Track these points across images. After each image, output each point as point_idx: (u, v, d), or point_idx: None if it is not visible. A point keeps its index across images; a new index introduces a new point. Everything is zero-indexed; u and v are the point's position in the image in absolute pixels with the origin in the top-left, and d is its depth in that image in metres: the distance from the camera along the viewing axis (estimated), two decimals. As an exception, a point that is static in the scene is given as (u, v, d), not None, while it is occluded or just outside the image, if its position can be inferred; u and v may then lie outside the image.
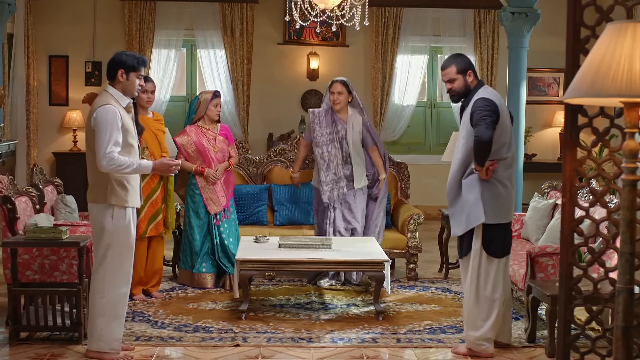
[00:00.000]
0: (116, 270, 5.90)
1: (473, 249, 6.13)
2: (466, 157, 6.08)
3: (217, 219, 8.28)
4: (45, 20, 12.84)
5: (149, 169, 5.98)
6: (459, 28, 13.27)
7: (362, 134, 8.46)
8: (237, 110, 12.88)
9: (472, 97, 6.13)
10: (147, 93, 7.87)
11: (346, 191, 8.38)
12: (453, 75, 6.21)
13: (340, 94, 8.35)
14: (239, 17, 12.83)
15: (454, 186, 6.20)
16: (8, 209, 6.84)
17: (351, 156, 8.40)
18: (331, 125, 8.40)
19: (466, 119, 6.09)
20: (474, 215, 6.05)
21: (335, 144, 8.37)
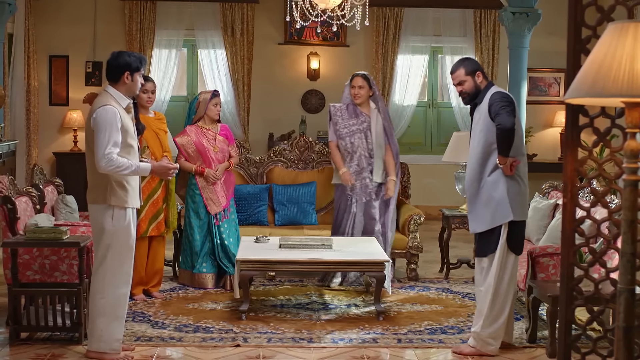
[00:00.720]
0: (116, 270, 5.89)
1: (499, 245, 6.11)
2: (485, 152, 6.10)
3: (218, 219, 8.27)
4: (45, 20, 12.83)
5: (147, 171, 5.97)
6: (460, 28, 13.25)
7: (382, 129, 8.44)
8: (237, 110, 12.86)
9: (485, 95, 6.18)
10: (148, 93, 7.87)
11: (368, 183, 8.31)
12: (462, 77, 6.27)
13: (362, 88, 8.32)
14: (240, 17, 12.82)
15: (473, 182, 6.19)
16: (8, 209, 6.83)
17: (374, 148, 8.36)
18: (354, 117, 8.38)
19: (482, 115, 6.13)
20: (501, 213, 6.07)
21: (360, 135, 8.34)
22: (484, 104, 6.15)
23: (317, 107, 13.24)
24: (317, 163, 9.41)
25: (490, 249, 6.17)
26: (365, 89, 8.34)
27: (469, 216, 6.31)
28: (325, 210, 9.31)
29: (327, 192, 9.31)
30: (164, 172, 6.19)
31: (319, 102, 13.22)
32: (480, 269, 6.30)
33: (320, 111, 13.22)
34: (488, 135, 6.08)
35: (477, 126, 6.21)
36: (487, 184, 6.13)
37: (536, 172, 12.85)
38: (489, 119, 6.07)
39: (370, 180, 8.32)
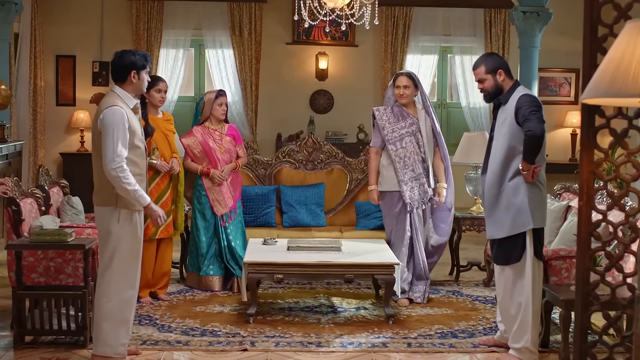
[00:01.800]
0: (122, 273, 5.79)
1: (527, 255, 5.98)
2: (508, 155, 5.97)
3: (224, 221, 8.17)
4: (52, 20, 12.76)
5: (144, 202, 5.75)
6: (470, 27, 13.13)
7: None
8: (245, 110, 12.77)
9: (510, 95, 6.06)
10: (161, 92, 7.81)
11: (427, 190, 7.79)
12: (482, 75, 6.16)
13: (407, 88, 7.75)
14: (248, 16, 12.73)
15: (493, 186, 6.06)
16: (13, 210, 6.74)
17: (426, 151, 7.80)
18: (401, 120, 7.81)
19: (507, 116, 5.99)
20: (521, 221, 5.94)
21: (411, 138, 7.76)
22: (509, 105, 6.01)
23: (326, 107, 13.14)
24: (325, 164, 9.31)
25: (514, 258, 6.03)
26: (411, 89, 7.79)
27: (487, 221, 6.18)
28: (334, 212, 9.20)
29: (335, 194, 9.21)
30: (153, 217, 5.89)
31: (327, 102, 13.13)
32: (503, 278, 6.15)
33: (329, 111, 13.13)
34: (512, 139, 5.94)
35: (501, 128, 6.06)
36: (507, 189, 5.99)
37: (547, 173, 12.71)
38: (514, 122, 5.93)
39: (429, 186, 7.82)
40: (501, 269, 6.17)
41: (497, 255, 6.16)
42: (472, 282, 8.79)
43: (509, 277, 6.10)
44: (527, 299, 6.01)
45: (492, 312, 7.44)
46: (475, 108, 13.00)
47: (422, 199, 7.79)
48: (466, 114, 13.08)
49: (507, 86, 6.16)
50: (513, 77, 6.23)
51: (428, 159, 7.81)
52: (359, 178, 9.21)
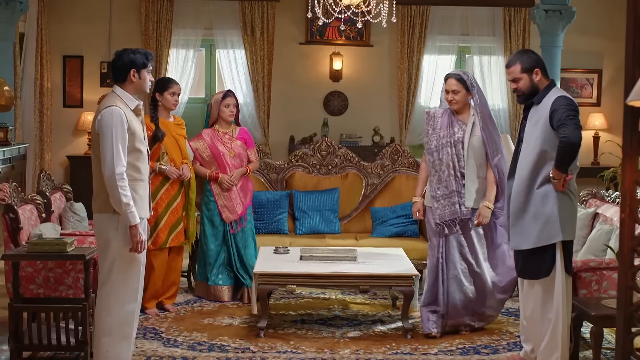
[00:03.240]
0: (123, 286, 5.45)
1: (557, 269, 5.61)
2: (539, 161, 5.57)
3: (233, 228, 7.82)
4: (59, 19, 12.43)
5: (132, 221, 5.32)
6: (488, 27, 12.74)
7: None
8: (257, 112, 12.44)
9: (544, 96, 5.66)
10: (175, 95, 7.51)
11: (458, 211, 6.67)
12: (517, 74, 5.74)
13: (456, 93, 6.65)
14: (260, 15, 12.40)
15: (520, 193, 5.66)
16: (10, 218, 6.41)
17: (467, 165, 6.67)
18: (447, 127, 6.73)
19: (541, 119, 5.60)
20: (550, 232, 5.56)
21: (451, 149, 6.68)
22: (543, 107, 5.62)
23: (340, 109, 12.79)
24: (340, 168, 8.94)
25: (542, 272, 5.64)
26: (462, 93, 6.65)
27: (512, 230, 5.78)
28: (349, 219, 8.83)
29: (350, 199, 8.85)
30: (133, 241, 5.38)
31: (341, 103, 12.78)
32: (531, 294, 5.75)
33: (343, 113, 12.78)
34: (545, 144, 5.55)
35: (533, 131, 5.66)
36: (535, 197, 5.60)
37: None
38: (548, 126, 5.54)
39: (463, 206, 6.69)
40: (528, 284, 5.78)
41: (523, 268, 5.77)
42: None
43: (537, 293, 5.71)
44: (557, 315, 5.63)
45: (515, 326, 7.06)
46: (494, 110, 12.59)
47: (453, 220, 6.69)
48: (485, 116, 12.66)
49: (542, 86, 5.75)
50: (549, 77, 5.82)
51: (471, 176, 6.69)
52: (375, 183, 8.84)
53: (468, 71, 6.78)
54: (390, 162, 8.87)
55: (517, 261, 5.86)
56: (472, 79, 6.72)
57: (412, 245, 8.14)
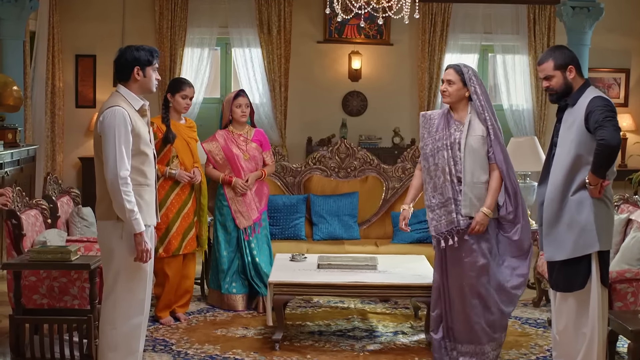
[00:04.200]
0: (129, 298, 5.13)
1: (593, 281, 5.24)
2: (574, 166, 5.21)
3: (247, 234, 7.48)
4: (71, 17, 12.14)
5: (137, 229, 4.99)
6: (512, 25, 12.34)
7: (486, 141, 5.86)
8: (274, 112, 12.12)
9: (579, 97, 5.28)
10: (187, 99, 7.18)
11: (455, 220, 5.83)
12: (550, 72, 5.36)
13: (450, 84, 5.86)
14: (276, 13, 12.08)
15: (553, 200, 5.28)
16: (13, 224, 6.09)
17: (465, 168, 5.85)
18: (443, 129, 5.94)
19: (576, 121, 5.23)
20: (585, 242, 5.19)
21: (447, 152, 5.88)
22: (579, 108, 5.25)
23: (359, 109, 12.45)
24: (359, 171, 8.59)
25: (577, 284, 5.26)
26: (457, 86, 5.85)
27: (544, 240, 5.41)
28: (369, 224, 8.48)
29: (370, 204, 8.50)
30: (138, 249, 5.04)
31: (360, 104, 12.44)
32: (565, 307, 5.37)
33: (362, 114, 12.45)
34: (580, 147, 5.18)
35: (567, 133, 5.28)
36: (570, 204, 5.22)
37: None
38: (584, 129, 5.17)
39: (460, 215, 5.85)
40: (561, 297, 5.40)
41: (557, 280, 5.39)
42: (520, 301, 7.97)
43: (571, 306, 5.34)
44: (593, 329, 5.26)
45: (545, 338, 6.71)
46: (518, 110, 12.25)
47: (450, 231, 5.85)
48: (508, 117, 12.31)
49: (576, 85, 5.37)
50: (583, 75, 5.44)
51: (469, 180, 5.84)
52: (396, 187, 8.49)
53: (472, 67, 5.98)
54: (412, 165, 8.52)
55: (550, 273, 5.49)
56: (472, 74, 5.90)
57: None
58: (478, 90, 5.88)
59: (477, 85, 5.88)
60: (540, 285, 7.65)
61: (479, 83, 5.91)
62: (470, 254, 5.84)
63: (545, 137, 11.70)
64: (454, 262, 5.89)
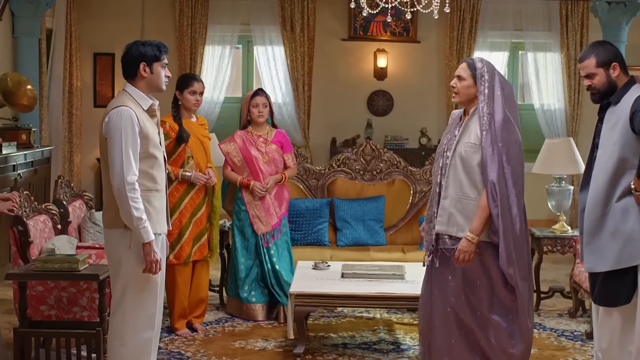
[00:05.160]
0: (138, 312, 4.77)
1: (639, 295, 4.83)
2: (618, 170, 4.78)
3: (265, 241, 7.12)
4: (89, 14, 11.85)
5: (146, 238, 4.64)
6: (544, 21, 11.94)
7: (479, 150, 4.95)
8: (297, 112, 11.79)
9: (623, 95, 4.87)
10: (196, 94, 6.81)
11: (432, 237, 5.09)
12: (592, 69, 4.94)
13: (460, 80, 5.07)
14: (300, 10, 11.76)
15: (596, 207, 4.85)
16: (19, 231, 5.76)
17: (448, 178, 5.05)
18: (451, 132, 5.18)
19: (620, 121, 4.81)
20: (631, 252, 4.76)
21: (440, 159, 5.16)
22: (622, 107, 4.84)
23: (385, 109, 12.10)
24: (385, 174, 8.21)
25: (622, 299, 4.85)
26: (467, 83, 5.03)
27: (585, 250, 5.00)
28: (396, 229, 8.11)
29: (397, 208, 8.13)
30: (147, 260, 4.68)
31: (386, 103, 12.09)
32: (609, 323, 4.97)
33: (388, 114, 12.10)
34: (625, 149, 4.77)
35: (610, 135, 4.87)
36: (614, 211, 4.81)
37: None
38: (628, 129, 4.76)
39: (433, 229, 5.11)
40: (605, 312, 5.00)
41: (600, 294, 4.98)
42: (554, 311, 7.63)
43: (615, 322, 4.93)
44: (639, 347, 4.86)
45: (583, 353, 6.34)
46: (549, 110, 11.84)
47: (429, 252, 5.12)
48: (539, 117, 11.92)
49: (620, 83, 4.96)
50: (628, 73, 5.03)
51: (451, 192, 5.02)
52: (424, 190, 8.11)
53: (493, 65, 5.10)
54: (441, 168, 8.14)
55: (592, 285, 5.08)
56: (485, 72, 5.00)
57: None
58: (486, 91, 4.97)
59: (487, 87, 4.99)
60: (576, 294, 7.25)
61: (492, 84, 5.00)
62: (456, 276, 5.04)
63: (577, 138, 11.30)
64: (440, 284, 5.10)
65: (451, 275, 5.04)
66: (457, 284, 5.02)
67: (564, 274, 8.83)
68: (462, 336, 5.06)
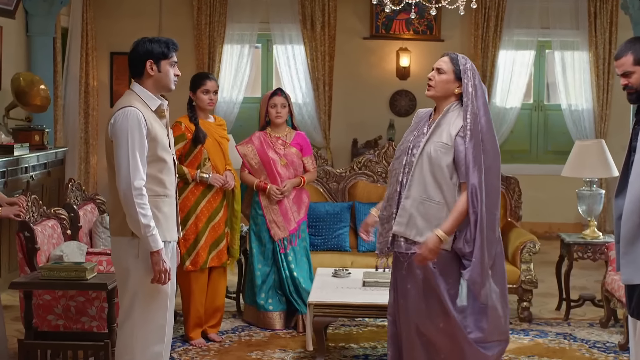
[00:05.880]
0: (147, 324, 4.51)
1: None
2: None
3: (283, 247, 6.85)
4: (106, 13, 11.66)
5: (154, 246, 4.37)
6: (571, 19, 11.63)
7: (453, 151, 4.63)
8: (317, 113, 11.54)
9: None
10: (210, 93, 6.54)
11: (389, 240, 4.75)
12: (629, 67, 4.63)
13: (440, 72, 4.78)
14: (320, 8, 11.52)
15: (634, 215, 4.54)
16: (25, 237, 5.52)
17: (412, 178, 4.67)
18: (416, 129, 4.91)
19: None
20: None
21: (403, 157, 4.78)
22: None
23: (407, 109, 11.83)
24: (408, 177, 7.93)
25: None
26: (446, 77, 4.74)
27: (622, 260, 4.68)
28: (419, 234, 7.81)
29: (420, 212, 7.83)
30: (156, 269, 4.40)
31: (409, 103, 11.82)
32: None
33: (411, 114, 11.81)
34: None
35: None
36: None
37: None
38: None
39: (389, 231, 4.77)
40: None
41: (638, 307, 4.68)
42: (585, 320, 7.31)
43: None
44: None
45: (617, 366, 6.01)
46: (577, 111, 11.52)
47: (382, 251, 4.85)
48: (567, 118, 11.60)
49: None
50: None
51: (414, 193, 4.63)
52: (449, 194, 7.80)
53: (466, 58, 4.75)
54: (466, 170, 7.84)
55: (629, 298, 4.77)
56: (468, 68, 4.69)
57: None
58: (470, 89, 4.66)
59: (474, 84, 4.67)
60: (608, 303, 6.93)
61: (475, 84, 4.68)
62: (415, 284, 4.66)
63: (606, 139, 10.94)
64: (403, 293, 4.75)
65: (410, 284, 4.68)
66: (417, 294, 4.66)
67: (593, 280, 8.52)
68: (424, 349, 4.71)
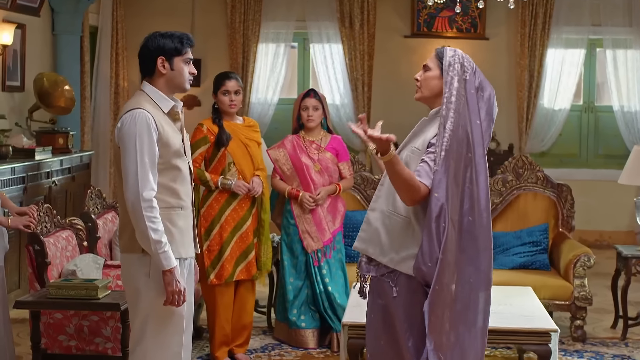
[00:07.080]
0: (161, 349, 4.05)
1: None
2: None
3: (316, 259, 6.38)
4: (136, 11, 11.33)
5: (166, 265, 3.90)
6: (623, 16, 11.16)
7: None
8: (355, 114, 11.15)
9: None
10: (230, 94, 6.07)
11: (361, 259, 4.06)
12: None
13: (426, 70, 4.17)
14: (359, 5, 11.16)
15: None
16: (35, 250, 5.09)
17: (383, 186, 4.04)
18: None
19: None
20: None
21: None
22: None
23: (450, 111, 11.33)
24: (451, 184, 7.43)
25: None
26: (431, 74, 4.11)
27: None
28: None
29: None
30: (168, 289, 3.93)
31: (451, 105, 11.32)
32: None
33: (454, 116, 11.32)
34: None
35: None
36: None
37: None
38: None
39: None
40: None
41: None
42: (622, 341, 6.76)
43: None
44: None
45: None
46: (630, 112, 11.02)
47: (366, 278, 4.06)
48: (619, 119, 11.09)
49: None
50: None
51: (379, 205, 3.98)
52: (495, 202, 7.25)
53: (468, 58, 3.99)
54: (514, 177, 7.31)
55: None
56: (455, 60, 3.97)
57: (541, 280, 6.67)
58: (455, 84, 3.93)
59: (458, 80, 3.94)
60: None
61: (463, 78, 3.95)
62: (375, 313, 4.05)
63: (662, 142, 10.42)
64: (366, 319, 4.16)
65: (371, 310, 4.06)
66: (376, 324, 4.02)
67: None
68: None
